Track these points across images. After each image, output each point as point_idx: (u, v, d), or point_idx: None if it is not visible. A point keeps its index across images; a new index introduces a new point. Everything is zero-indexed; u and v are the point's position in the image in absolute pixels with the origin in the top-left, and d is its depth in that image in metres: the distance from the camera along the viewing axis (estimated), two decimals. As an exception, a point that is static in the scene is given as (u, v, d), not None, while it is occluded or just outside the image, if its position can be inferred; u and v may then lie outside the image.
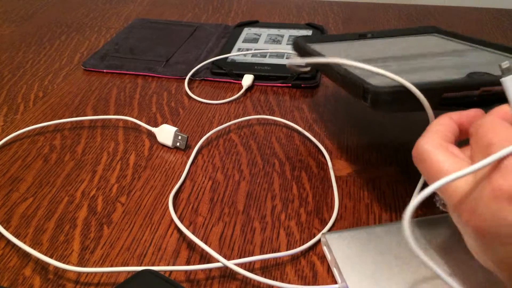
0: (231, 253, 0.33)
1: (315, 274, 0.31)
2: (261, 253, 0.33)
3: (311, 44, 0.46)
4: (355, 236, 0.31)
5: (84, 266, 0.32)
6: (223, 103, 0.51)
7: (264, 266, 0.32)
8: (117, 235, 0.34)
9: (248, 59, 0.59)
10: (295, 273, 0.31)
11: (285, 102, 0.51)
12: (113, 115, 0.49)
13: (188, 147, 0.44)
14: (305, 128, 0.46)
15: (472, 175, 0.24)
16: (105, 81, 0.56)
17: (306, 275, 0.31)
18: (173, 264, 0.32)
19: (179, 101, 0.52)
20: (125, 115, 0.49)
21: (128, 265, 0.32)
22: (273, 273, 0.31)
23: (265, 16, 0.78)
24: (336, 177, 0.40)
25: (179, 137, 0.43)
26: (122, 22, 0.75)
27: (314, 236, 0.34)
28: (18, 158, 0.43)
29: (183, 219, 0.36)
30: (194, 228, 0.35)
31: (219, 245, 0.33)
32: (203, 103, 0.51)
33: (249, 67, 0.57)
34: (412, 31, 0.50)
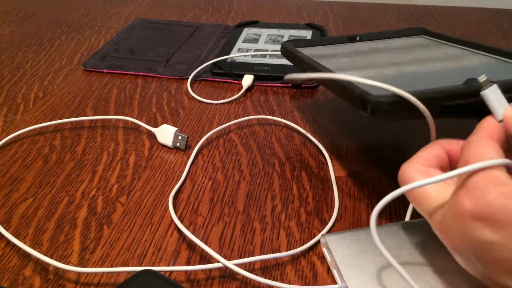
0: (231, 253, 0.33)
1: (315, 274, 0.31)
2: (261, 253, 0.33)
3: (299, 49, 0.46)
4: (354, 237, 0.31)
5: (84, 266, 0.32)
6: (223, 103, 0.51)
7: (264, 266, 0.32)
8: (117, 235, 0.34)
9: (248, 59, 0.59)
10: (295, 273, 0.31)
11: (285, 102, 0.51)
12: (113, 115, 0.49)
13: (188, 147, 0.44)
14: (305, 128, 0.46)
15: (450, 195, 0.25)
16: (105, 81, 0.56)
17: (306, 275, 0.31)
18: (173, 264, 0.32)
19: (179, 101, 0.52)
20: (125, 115, 0.49)
21: (128, 265, 0.32)
22: (273, 273, 0.31)
23: (265, 16, 0.78)
24: (336, 177, 0.40)
25: (179, 137, 0.43)
26: (122, 22, 0.75)
27: (314, 236, 0.34)
28: (18, 158, 0.43)
29: (183, 219, 0.36)
30: (194, 228, 0.35)
31: (219, 245, 0.33)
32: (203, 103, 0.51)
33: (249, 67, 0.57)
34: (400, 33, 0.51)
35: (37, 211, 0.37)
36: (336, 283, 0.30)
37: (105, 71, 0.58)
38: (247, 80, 0.54)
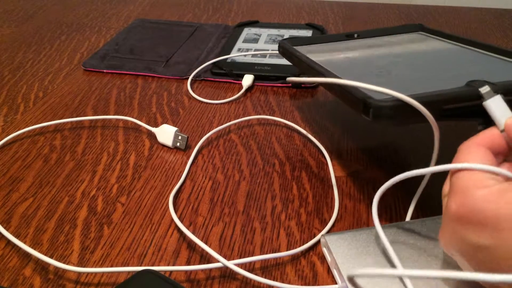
0: (231, 253, 0.33)
1: (315, 274, 0.31)
2: (261, 253, 0.33)
3: (297, 47, 0.46)
4: (354, 237, 0.31)
5: (84, 266, 0.32)
6: (223, 103, 0.51)
7: (264, 266, 0.32)
8: (117, 235, 0.34)
9: (248, 59, 0.59)
10: (295, 273, 0.31)
11: (285, 102, 0.51)
12: (113, 115, 0.49)
13: (188, 147, 0.44)
14: (305, 128, 0.46)
15: None
16: (105, 81, 0.56)
17: (306, 275, 0.31)
18: (173, 264, 0.32)
19: (179, 101, 0.52)
20: (125, 115, 0.49)
21: (128, 265, 0.32)
22: (273, 273, 0.31)
23: (265, 16, 0.78)
24: (336, 177, 0.40)
25: (179, 137, 0.43)
26: (122, 22, 0.75)
27: (314, 236, 0.34)
28: (18, 158, 0.43)
29: (183, 219, 0.36)
30: (194, 228, 0.35)
31: (219, 245, 0.33)
32: (203, 103, 0.51)
33: (249, 67, 0.57)
34: (398, 30, 0.50)
35: (37, 211, 0.37)
36: (336, 283, 0.30)
37: (105, 71, 0.58)
38: (247, 80, 0.54)
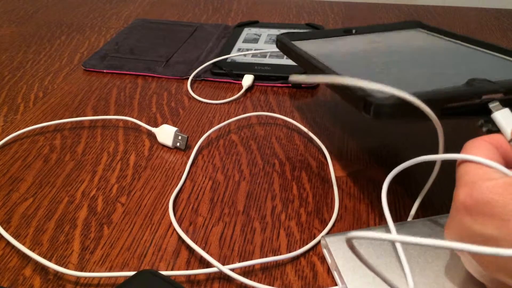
0: (231, 253, 0.33)
1: (315, 275, 0.31)
2: (261, 253, 0.33)
3: (295, 42, 0.45)
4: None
5: (84, 266, 0.32)
6: (223, 103, 0.51)
7: (264, 267, 0.32)
8: (117, 235, 0.34)
9: (248, 59, 0.59)
10: (295, 273, 0.31)
11: (285, 102, 0.51)
12: (113, 115, 0.49)
13: (188, 147, 0.44)
14: (305, 128, 0.46)
15: None
16: (105, 81, 0.56)
17: (306, 275, 0.31)
18: (173, 264, 0.32)
19: (179, 101, 0.52)
20: (125, 115, 0.49)
21: (128, 265, 0.32)
22: (273, 273, 0.31)
23: (265, 16, 0.78)
24: (336, 177, 0.40)
25: (179, 137, 0.43)
26: (122, 22, 0.75)
27: (315, 237, 0.34)
28: (18, 158, 0.43)
29: (183, 219, 0.36)
30: (194, 228, 0.35)
31: (219, 245, 0.33)
32: (203, 103, 0.51)
33: (249, 67, 0.57)
34: (396, 26, 0.50)
35: (37, 211, 0.37)
36: (336, 285, 0.30)
37: (105, 71, 0.58)
38: (247, 80, 0.54)
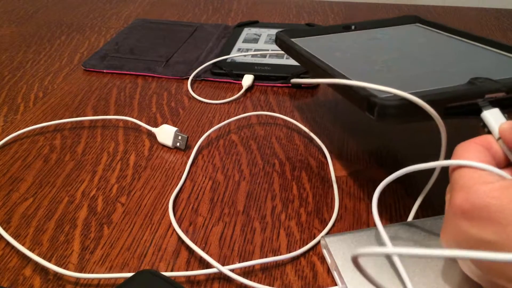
0: (231, 253, 0.33)
1: (315, 275, 0.31)
2: (261, 253, 0.33)
3: (294, 39, 0.45)
4: (354, 238, 0.31)
5: (85, 266, 0.32)
6: (223, 103, 0.51)
7: (264, 267, 0.32)
8: (117, 235, 0.34)
9: (248, 59, 0.59)
10: (295, 273, 0.31)
11: (285, 102, 0.51)
12: (113, 115, 0.49)
13: (188, 147, 0.44)
14: (305, 128, 0.46)
15: None
16: (105, 81, 0.56)
17: (306, 275, 0.31)
18: (173, 264, 0.32)
19: (179, 101, 0.52)
20: (125, 115, 0.49)
21: (128, 265, 0.32)
22: (273, 273, 0.31)
23: (265, 16, 0.78)
24: (336, 177, 0.40)
25: (179, 137, 0.43)
26: (122, 22, 0.75)
27: (315, 236, 0.34)
28: (18, 158, 0.43)
29: (183, 219, 0.36)
30: (194, 228, 0.35)
31: (219, 245, 0.33)
32: (203, 103, 0.51)
33: (249, 67, 0.57)
34: (394, 21, 0.50)
35: (37, 211, 0.37)
36: (336, 285, 0.30)
37: (105, 71, 0.58)
38: (247, 80, 0.54)
